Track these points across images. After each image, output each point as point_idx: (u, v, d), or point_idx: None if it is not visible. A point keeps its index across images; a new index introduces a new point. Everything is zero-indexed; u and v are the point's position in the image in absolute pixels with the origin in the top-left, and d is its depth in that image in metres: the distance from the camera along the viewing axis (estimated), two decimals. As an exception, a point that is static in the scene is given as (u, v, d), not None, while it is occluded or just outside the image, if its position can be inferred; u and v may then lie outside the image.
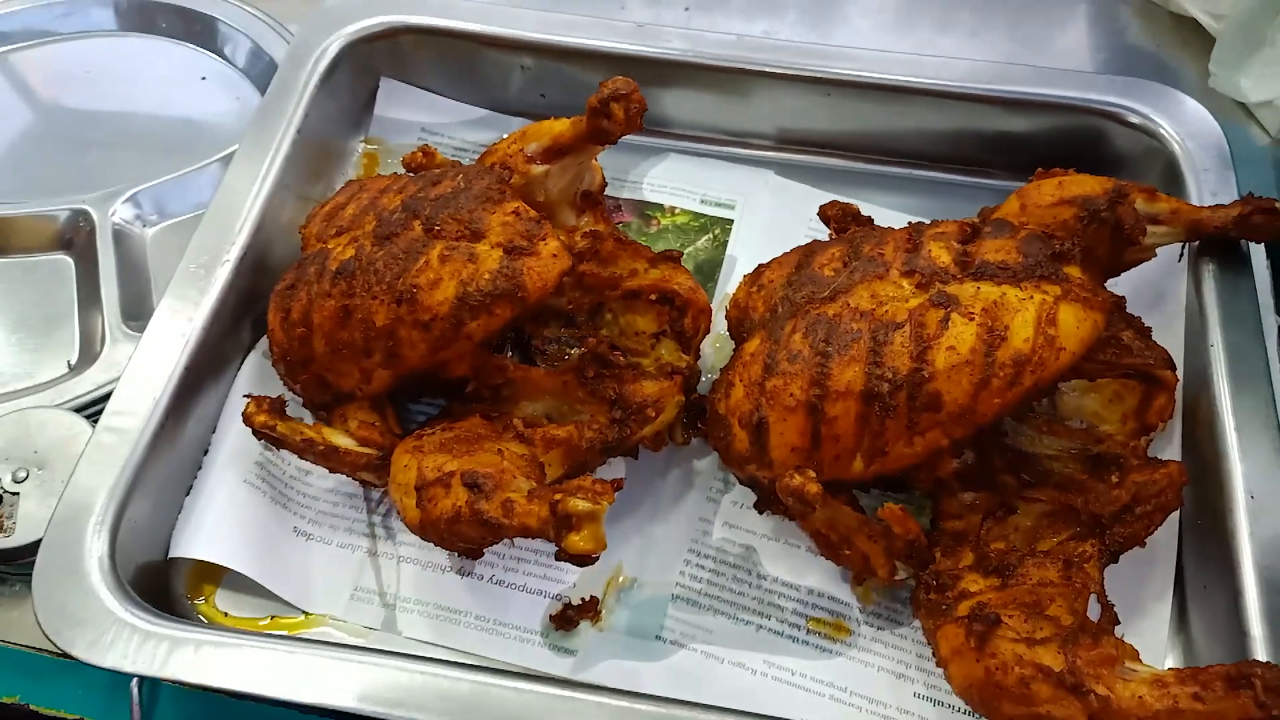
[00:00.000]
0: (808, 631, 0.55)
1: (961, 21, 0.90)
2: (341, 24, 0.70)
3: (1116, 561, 0.51)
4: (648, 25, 0.70)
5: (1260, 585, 0.49)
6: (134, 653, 0.48)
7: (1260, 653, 0.48)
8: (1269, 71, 0.83)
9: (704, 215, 0.71)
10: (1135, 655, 0.46)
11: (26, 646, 0.60)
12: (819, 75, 0.69)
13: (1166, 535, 0.55)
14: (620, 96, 0.53)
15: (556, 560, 0.46)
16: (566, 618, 0.55)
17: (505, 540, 0.54)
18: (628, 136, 0.72)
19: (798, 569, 0.57)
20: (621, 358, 0.56)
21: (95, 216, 0.70)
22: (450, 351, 0.53)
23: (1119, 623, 0.49)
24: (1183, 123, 0.64)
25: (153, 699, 0.57)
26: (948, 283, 0.51)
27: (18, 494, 0.54)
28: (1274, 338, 0.61)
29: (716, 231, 0.70)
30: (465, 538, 0.49)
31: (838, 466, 0.52)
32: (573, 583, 0.57)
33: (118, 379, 0.56)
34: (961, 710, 0.52)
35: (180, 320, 0.57)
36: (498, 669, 0.51)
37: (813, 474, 0.49)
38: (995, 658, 0.46)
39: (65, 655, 0.57)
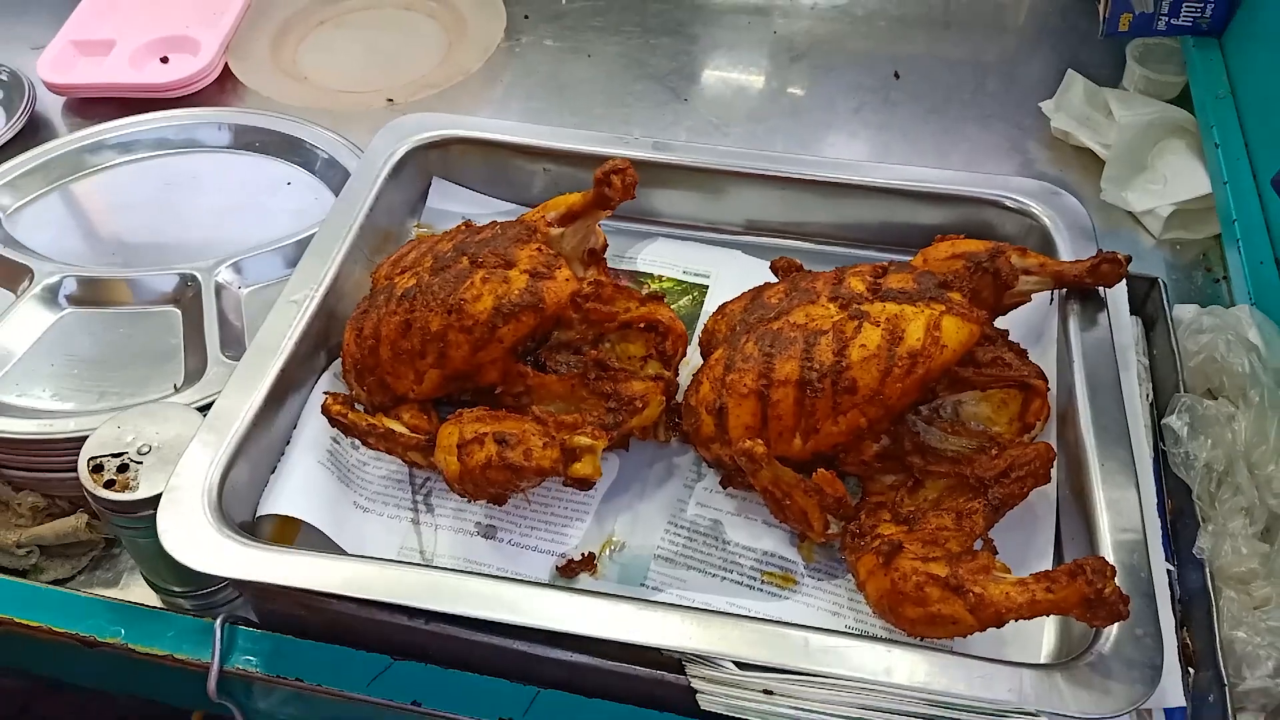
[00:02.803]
0: (762, 582, 0.69)
1: (899, 154, 1.11)
2: (407, 134, 0.90)
3: (999, 515, 0.65)
4: (642, 137, 0.90)
5: (1111, 541, 0.63)
6: (230, 561, 0.61)
7: (1109, 578, 0.61)
8: (1150, 188, 1.03)
9: (685, 282, 0.89)
10: (1006, 568, 0.60)
11: (122, 599, 0.74)
12: (778, 175, 0.88)
13: (1046, 508, 0.70)
14: (618, 170, 0.72)
15: (564, 486, 0.60)
16: (569, 569, 0.69)
17: (523, 493, 0.69)
18: (628, 224, 0.92)
19: (755, 535, 0.71)
20: (615, 360, 0.72)
21: (201, 279, 0.88)
22: (486, 353, 0.69)
23: (996, 553, 0.63)
24: (1052, 205, 0.82)
25: (230, 640, 0.70)
26: (861, 303, 0.68)
27: (140, 463, 0.69)
28: (1132, 369, 0.77)
29: (695, 294, 0.88)
30: (494, 481, 0.64)
31: (781, 443, 0.67)
32: (574, 544, 0.71)
33: (218, 393, 0.72)
34: (882, 639, 0.65)
35: (276, 337, 0.74)
36: (510, 577, 0.64)
37: (759, 441, 0.65)
38: (898, 570, 0.60)
39: (166, 602, 0.71)
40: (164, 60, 1.23)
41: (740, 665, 0.58)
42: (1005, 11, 1.34)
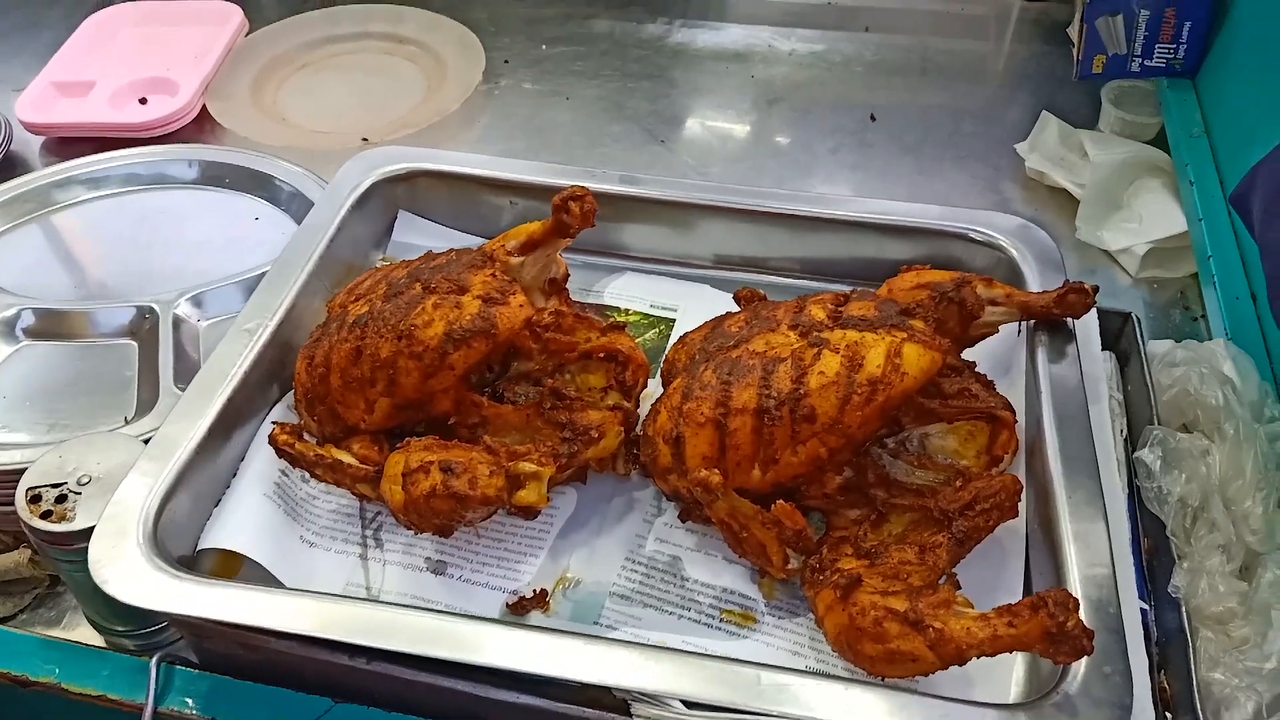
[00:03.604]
0: (720, 620, 0.66)
1: (875, 194, 1.10)
2: (374, 167, 0.89)
3: (964, 550, 0.63)
4: (607, 171, 0.89)
5: (1079, 575, 0.61)
6: (162, 594, 0.59)
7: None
8: (1125, 227, 1.03)
9: (651, 315, 0.87)
10: (968, 603, 0.58)
11: (63, 639, 0.71)
12: (746, 208, 0.87)
13: (1015, 542, 0.67)
14: (576, 198, 0.71)
15: (509, 515, 0.58)
16: (520, 606, 0.66)
17: (472, 526, 0.67)
18: (596, 257, 0.91)
19: (715, 572, 0.68)
20: (574, 391, 0.70)
21: (159, 311, 0.86)
22: (437, 381, 0.67)
23: (959, 587, 0.61)
24: (1020, 238, 0.81)
25: (167, 680, 0.67)
26: (821, 331, 0.67)
27: (80, 493, 0.67)
28: (1103, 401, 0.76)
29: (662, 327, 0.86)
30: (438, 511, 0.61)
31: (740, 473, 0.65)
32: (527, 580, 0.68)
33: (168, 424, 0.70)
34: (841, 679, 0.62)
35: (227, 365, 0.72)
36: (457, 613, 0.61)
37: (716, 471, 0.63)
38: (856, 605, 0.58)
39: (109, 642, 0.68)
40: (143, 101, 1.24)
41: (688, 705, 0.55)
42: (982, 57, 1.35)
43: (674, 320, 0.87)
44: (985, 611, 0.56)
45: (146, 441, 0.69)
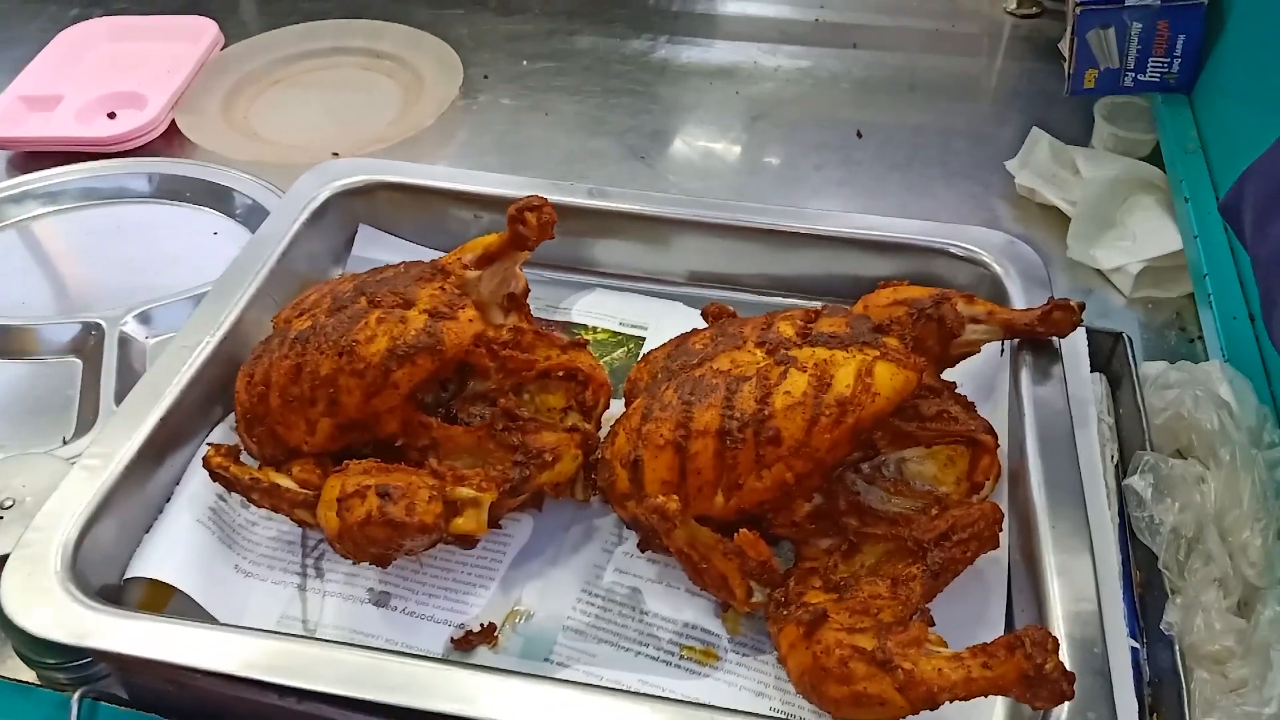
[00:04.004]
0: (680, 657, 0.62)
1: (866, 210, 1.06)
2: (332, 178, 0.86)
3: (940, 583, 0.59)
4: (574, 184, 0.86)
5: (1062, 612, 0.56)
6: (75, 628, 0.55)
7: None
8: (1118, 245, 0.99)
9: (620, 334, 0.83)
10: (942, 641, 0.53)
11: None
12: (720, 222, 0.83)
13: (997, 576, 0.63)
14: (534, 207, 0.67)
15: (445, 544, 0.54)
16: (466, 640, 0.62)
17: (414, 556, 0.62)
18: (563, 274, 0.88)
19: (676, 606, 0.64)
20: (526, 413, 0.66)
21: (105, 327, 0.83)
22: (381, 401, 0.63)
23: (933, 624, 0.56)
24: (1005, 254, 0.77)
25: (91, 717, 0.63)
26: (790, 349, 0.63)
27: (2, 517, 0.63)
28: (1091, 425, 0.71)
29: (630, 345, 0.82)
30: (374, 540, 0.57)
31: (701, 499, 0.61)
32: (476, 614, 0.64)
33: (105, 446, 0.66)
34: None
35: (164, 382, 0.68)
36: (395, 650, 0.57)
37: (675, 497, 0.59)
38: (820, 644, 0.53)
39: (41, 677, 0.64)
40: (111, 116, 1.21)
41: (633, 751, 0.51)
42: (972, 75, 1.32)
43: (644, 339, 0.83)
44: (959, 651, 0.52)
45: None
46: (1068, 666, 0.49)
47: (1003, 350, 0.73)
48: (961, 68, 1.32)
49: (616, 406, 0.73)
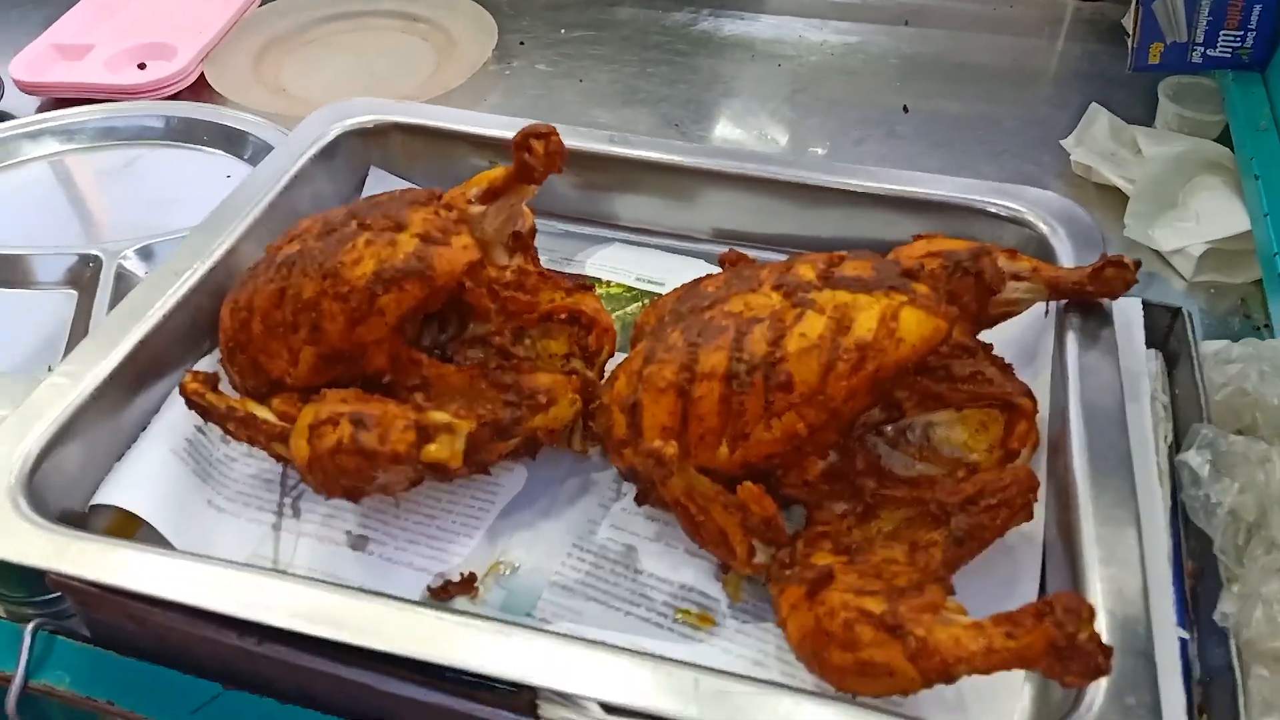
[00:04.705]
0: (674, 620, 0.56)
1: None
2: (341, 117, 0.82)
3: (965, 554, 0.53)
4: (593, 129, 0.81)
5: (1102, 588, 0.50)
6: (32, 547, 0.51)
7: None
8: (1179, 226, 0.92)
9: (635, 289, 0.79)
10: (961, 609, 0.47)
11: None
12: (748, 175, 0.78)
13: (1030, 554, 0.57)
14: (540, 134, 0.62)
15: (420, 476, 0.49)
16: (444, 590, 0.57)
17: (391, 493, 0.58)
18: (581, 226, 0.83)
19: (674, 566, 0.59)
20: (523, 354, 0.61)
21: (104, 260, 0.80)
22: (367, 330, 0.59)
23: (952, 592, 0.50)
24: (1051, 212, 0.71)
25: (45, 651, 0.59)
26: (809, 291, 0.57)
27: (-33, 435, 0.59)
28: (1144, 399, 0.65)
29: (645, 301, 0.77)
30: (345, 470, 0.53)
31: (704, 448, 0.56)
32: (458, 563, 0.59)
33: (90, 375, 0.63)
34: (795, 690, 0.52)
35: (145, 305, 0.65)
36: (361, 589, 0.52)
37: (672, 441, 0.53)
38: (824, 605, 0.48)
39: (9, 611, 0.61)
40: (141, 66, 1.19)
41: (607, 709, 0.46)
42: (1027, 54, 1.25)
43: (661, 295, 0.78)
44: (980, 619, 0.46)
45: (49, 385, 0.62)
46: (1105, 642, 0.43)
47: (1047, 312, 0.66)
48: (1017, 48, 1.26)
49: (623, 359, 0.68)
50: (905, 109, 1.13)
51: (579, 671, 0.45)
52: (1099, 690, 0.45)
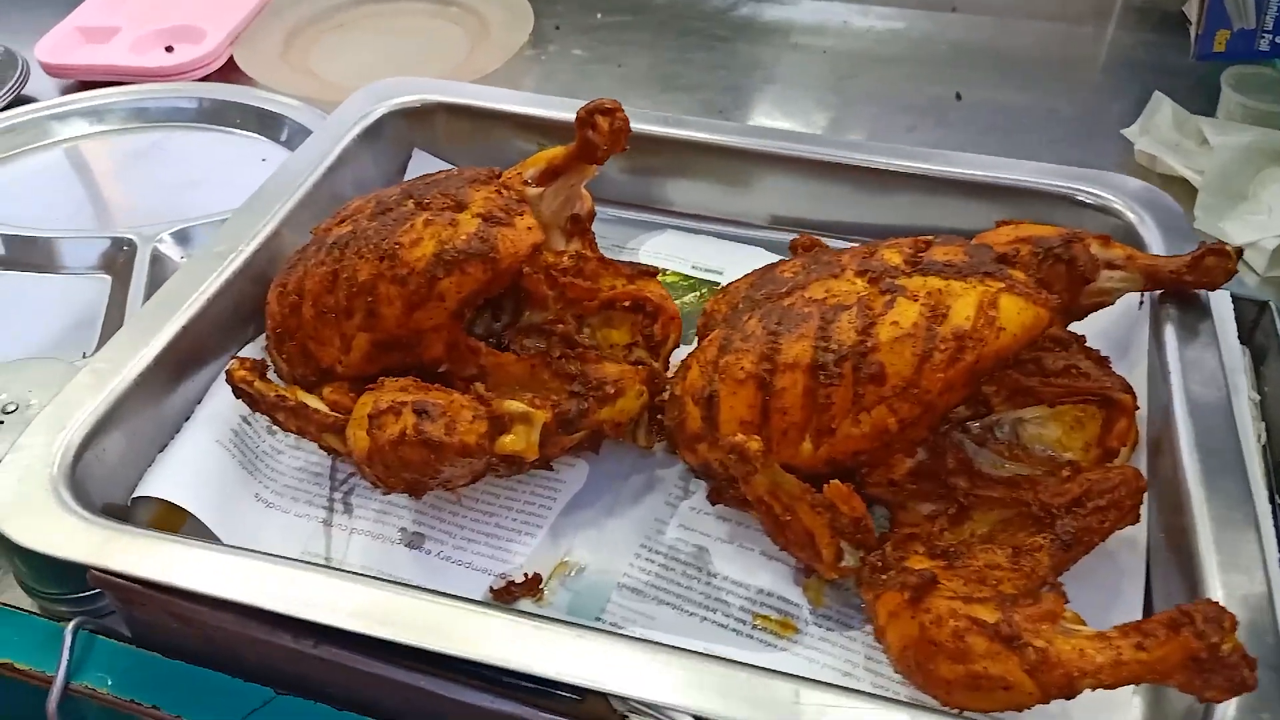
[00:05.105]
0: (753, 627, 0.53)
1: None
2: (386, 97, 0.79)
3: (1070, 558, 0.49)
4: (647, 111, 0.78)
5: (1223, 595, 0.47)
6: (78, 542, 0.48)
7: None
8: (1250, 219, 0.88)
9: (693, 278, 0.75)
10: (1079, 619, 0.44)
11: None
12: (808, 157, 0.75)
13: (1133, 559, 0.53)
14: (605, 110, 0.59)
15: (499, 478, 0.46)
16: (507, 592, 0.54)
17: (453, 489, 0.55)
18: (633, 212, 0.80)
19: (749, 570, 0.55)
20: (588, 341, 0.58)
21: (138, 243, 0.77)
22: (425, 315, 0.56)
23: (1067, 602, 0.47)
24: (1139, 200, 0.68)
25: (86, 651, 0.56)
26: (897, 278, 0.54)
27: (2, 422, 0.56)
28: (1242, 395, 0.61)
29: (703, 290, 0.74)
30: (408, 462, 0.50)
31: (786, 444, 0.52)
32: (520, 563, 0.56)
33: (126, 362, 0.60)
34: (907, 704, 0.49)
35: (188, 290, 0.62)
36: (422, 588, 0.49)
37: (756, 437, 0.50)
38: (930, 612, 0.44)
39: (43, 609, 0.58)
40: (169, 49, 1.16)
41: (702, 722, 0.42)
42: (1081, 43, 1.21)
43: (718, 284, 0.75)
44: (1103, 630, 0.42)
45: (88, 372, 0.59)
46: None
47: (1141, 303, 0.63)
48: (1069, 36, 1.22)
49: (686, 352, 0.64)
50: (958, 96, 1.09)
51: (668, 681, 0.42)
52: (1229, 706, 0.42)
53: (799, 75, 1.16)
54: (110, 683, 0.55)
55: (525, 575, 0.55)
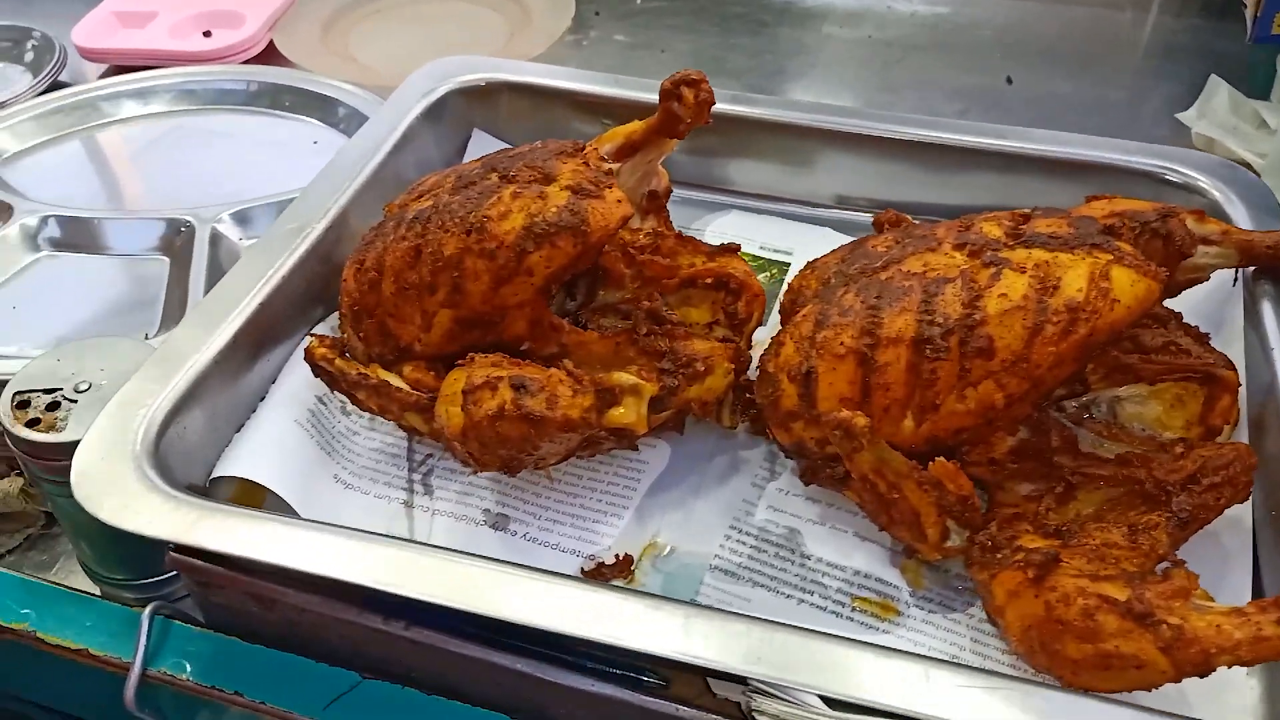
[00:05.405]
0: (853, 609, 0.52)
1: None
2: (449, 75, 0.78)
3: (1185, 534, 0.48)
4: (718, 90, 0.76)
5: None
6: (162, 519, 0.47)
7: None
8: (1317, 203, 0.87)
9: (762, 258, 0.74)
10: (1208, 596, 0.43)
11: (43, 578, 0.59)
12: (877, 135, 0.73)
13: (1238, 538, 0.52)
14: (691, 81, 0.58)
15: (601, 443, 0.45)
16: (598, 572, 0.53)
17: (544, 468, 0.53)
18: (696, 192, 0.78)
19: (844, 551, 0.54)
20: (675, 318, 0.57)
21: (196, 225, 0.76)
22: (511, 291, 0.54)
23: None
24: (1223, 178, 0.66)
25: (162, 637, 0.55)
26: (999, 250, 0.53)
27: (76, 401, 0.55)
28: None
29: (774, 271, 0.73)
30: (506, 438, 0.48)
31: (888, 421, 0.51)
32: (608, 545, 0.55)
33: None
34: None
35: (263, 266, 0.60)
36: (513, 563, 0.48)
37: (860, 413, 0.49)
38: (1055, 591, 0.43)
39: (106, 593, 0.57)
40: (207, 34, 1.15)
41: (830, 704, 0.41)
42: (1129, 27, 1.20)
43: (789, 264, 0.73)
44: (1238, 605, 0.41)
45: (161, 350, 0.58)
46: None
47: (1236, 279, 0.61)
48: (1117, 20, 1.21)
49: (761, 334, 0.63)
50: (1009, 80, 1.08)
51: (793, 661, 0.41)
52: (1373, 688, 0.40)
53: (844, 60, 1.15)
54: (189, 669, 0.53)
55: (616, 557, 0.54)
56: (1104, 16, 1.21)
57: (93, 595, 0.60)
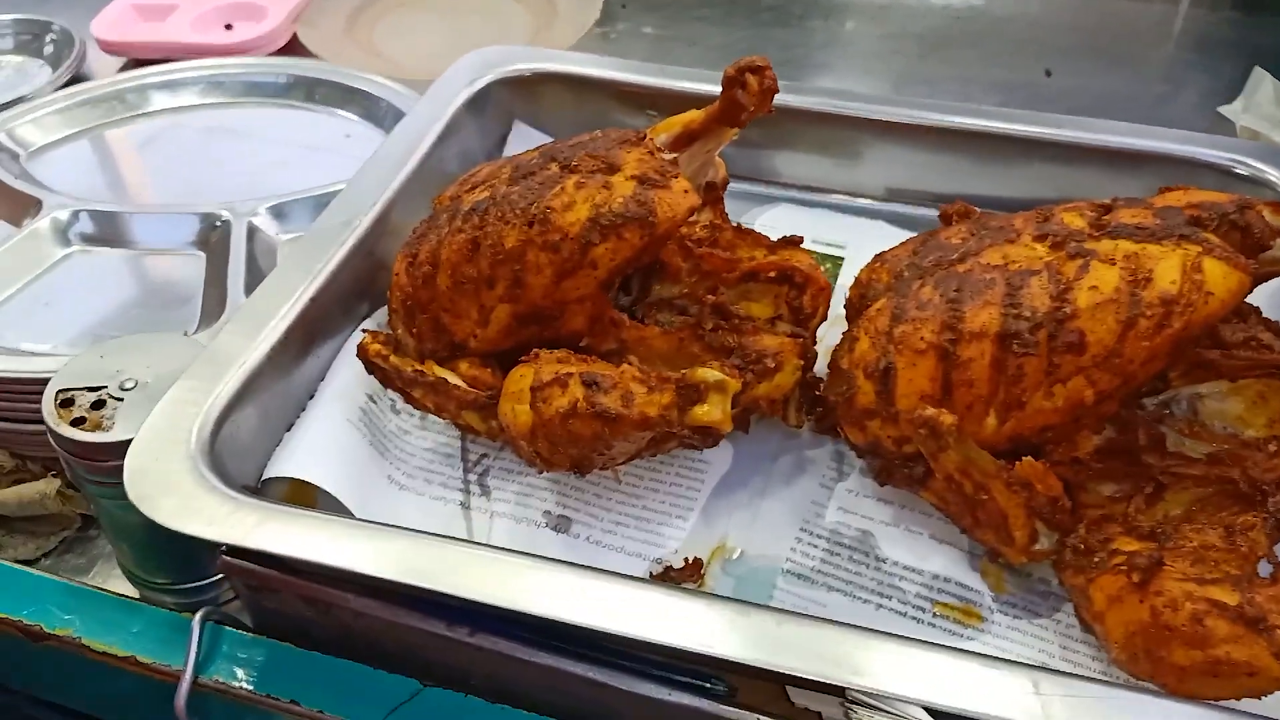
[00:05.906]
0: (934, 615, 0.50)
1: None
2: (491, 65, 0.76)
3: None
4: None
5: None
6: (222, 521, 0.45)
7: None
8: (1372, 194, 0.85)
9: (815, 252, 0.72)
10: (1324, 601, 0.41)
11: (89, 584, 0.57)
12: (929, 125, 0.72)
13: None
14: (756, 68, 0.56)
15: (682, 439, 0.43)
16: (666, 576, 0.51)
17: (612, 468, 0.51)
18: (744, 184, 0.77)
19: (921, 554, 0.52)
20: (741, 310, 0.55)
21: (231, 219, 0.74)
22: (573, 284, 0.52)
23: (1298, 582, 0.44)
24: (1288, 165, 0.65)
25: (213, 644, 0.53)
26: (1084, 241, 0.51)
27: (121, 399, 0.53)
28: None
29: (828, 265, 0.71)
30: (578, 437, 0.46)
31: (970, 418, 0.49)
32: (675, 548, 0.53)
33: (234, 339, 0.56)
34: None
35: (310, 262, 0.58)
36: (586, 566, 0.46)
37: (945, 410, 0.47)
38: (1162, 595, 0.41)
39: (146, 597, 0.55)
40: (228, 27, 1.13)
41: (934, 714, 0.39)
42: (1167, 21, 1.18)
43: (842, 259, 0.71)
44: (1358, 612, 0.39)
45: (208, 347, 0.56)
46: None
47: (1315, 272, 0.59)
48: (1149, 13, 1.19)
49: (823, 331, 0.61)
50: (1048, 73, 1.06)
51: (895, 671, 0.39)
52: None
53: (877, 53, 1.13)
54: (243, 677, 0.51)
55: (685, 560, 0.52)
56: (1138, 10, 1.19)
57: (135, 600, 0.58)
